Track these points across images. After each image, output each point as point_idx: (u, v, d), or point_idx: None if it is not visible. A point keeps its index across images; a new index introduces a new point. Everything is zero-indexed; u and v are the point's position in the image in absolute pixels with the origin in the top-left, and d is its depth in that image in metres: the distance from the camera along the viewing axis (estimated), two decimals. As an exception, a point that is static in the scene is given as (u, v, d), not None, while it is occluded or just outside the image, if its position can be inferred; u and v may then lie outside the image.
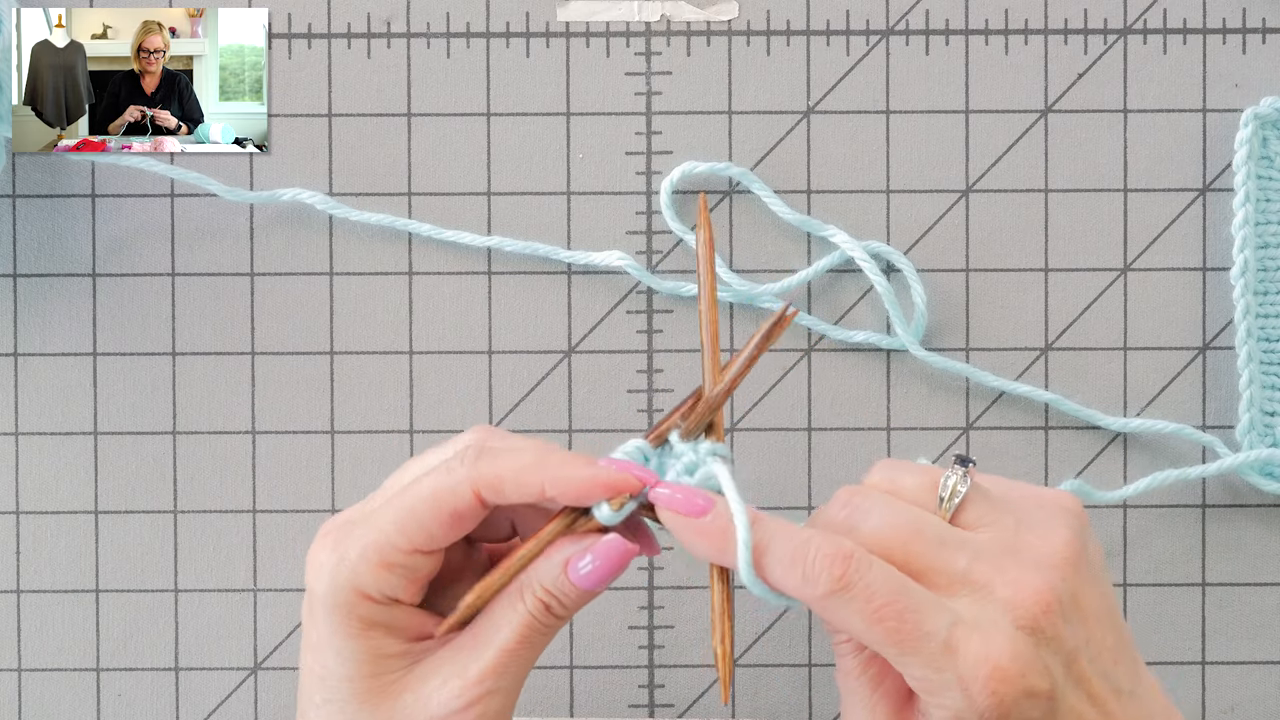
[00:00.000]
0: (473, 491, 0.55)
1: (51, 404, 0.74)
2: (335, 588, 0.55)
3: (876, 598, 0.52)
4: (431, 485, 0.55)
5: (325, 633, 0.55)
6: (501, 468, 0.55)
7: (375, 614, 0.55)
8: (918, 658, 0.52)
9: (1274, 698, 0.74)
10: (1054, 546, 0.55)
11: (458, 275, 0.74)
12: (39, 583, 0.74)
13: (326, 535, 0.56)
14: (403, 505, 0.55)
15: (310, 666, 0.56)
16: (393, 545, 0.55)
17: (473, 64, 0.74)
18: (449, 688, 0.55)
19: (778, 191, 0.73)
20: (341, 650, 0.55)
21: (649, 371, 0.74)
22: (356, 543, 0.55)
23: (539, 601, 0.56)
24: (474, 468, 0.55)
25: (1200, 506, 0.74)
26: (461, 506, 0.55)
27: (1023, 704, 0.52)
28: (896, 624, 0.52)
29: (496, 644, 0.56)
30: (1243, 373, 0.73)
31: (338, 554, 0.55)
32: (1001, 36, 0.73)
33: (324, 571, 0.55)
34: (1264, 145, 0.73)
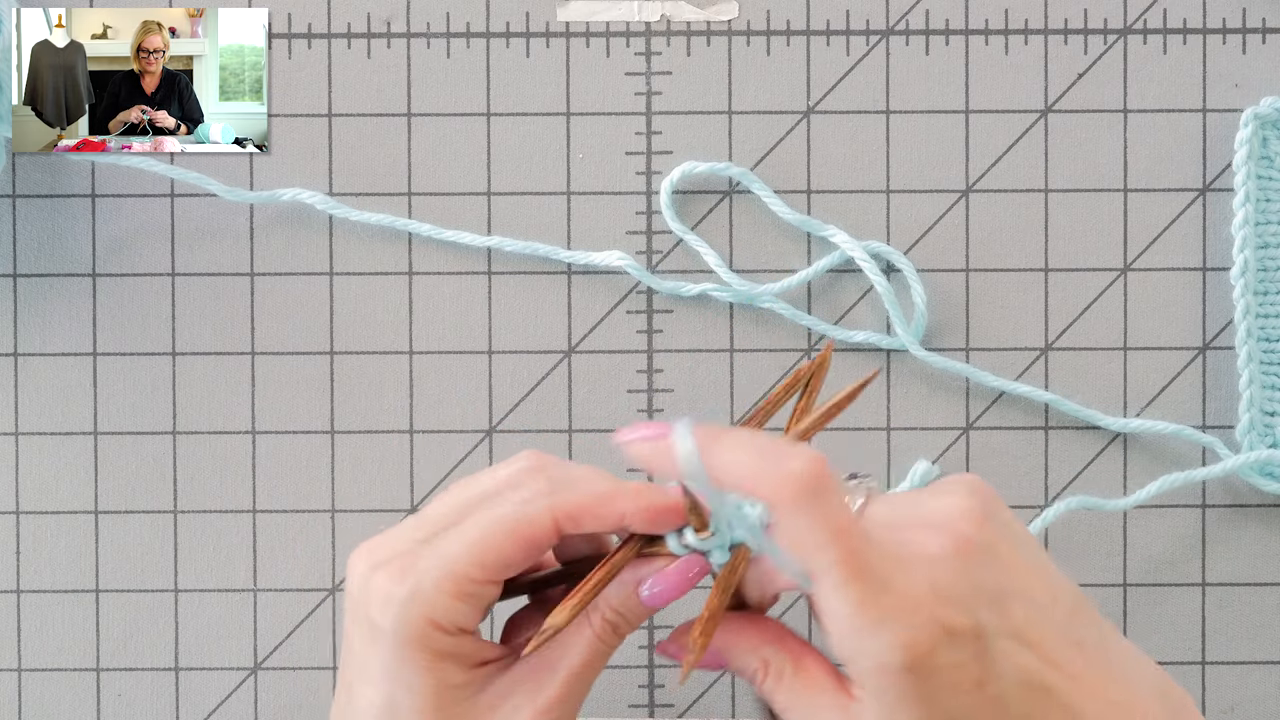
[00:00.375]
0: (552, 521, 0.54)
1: (51, 404, 0.74)
2: (408, 620, 0.54)
3: (842, 515, 0.51)
4: (510, 515, 0.54)
5: (392, 666, 0.54)
6: (580, 499, 0.55)
7: (445, 645, 0.55)
8: (859, 586, 0.51)
9: (1274, 698, 0.74)
10: (954, 504, 0.54)
11: (458, 275, 0.74)
12: (39, 583, 0.74)
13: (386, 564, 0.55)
14: (479, 534, 0.54)
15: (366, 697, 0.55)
16: (468, 576, 0.54)
17: (473, 64, 0.74)
18: (520, 715, 0.55)
19: (778, 191, 0.73)
20: (412, 684, 0.54)
21: (649, 371, 0.74)
22: (429, 574, 0.54)
23: (606, 623, 0.56)
24: (554, 498, 0.55)
25: (1200, 506, 0.74)
26: (539, 536, 0.54)
27: (944, 643, 0.51)
28: (855, 545, 0.51)
29: (565, 668, 0.56)
30: (1243, 373, 0.73)
31: (410, 584, 0.54)
32: (1001, 36, 0.73)
33: (393, 602, 0.54)
34: (1264, 145, 0.73)
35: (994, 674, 0.52)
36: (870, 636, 0.51)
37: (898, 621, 0.51)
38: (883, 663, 0.51)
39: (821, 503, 0.51)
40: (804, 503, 0.51)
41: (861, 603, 0.51)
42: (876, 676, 0.52)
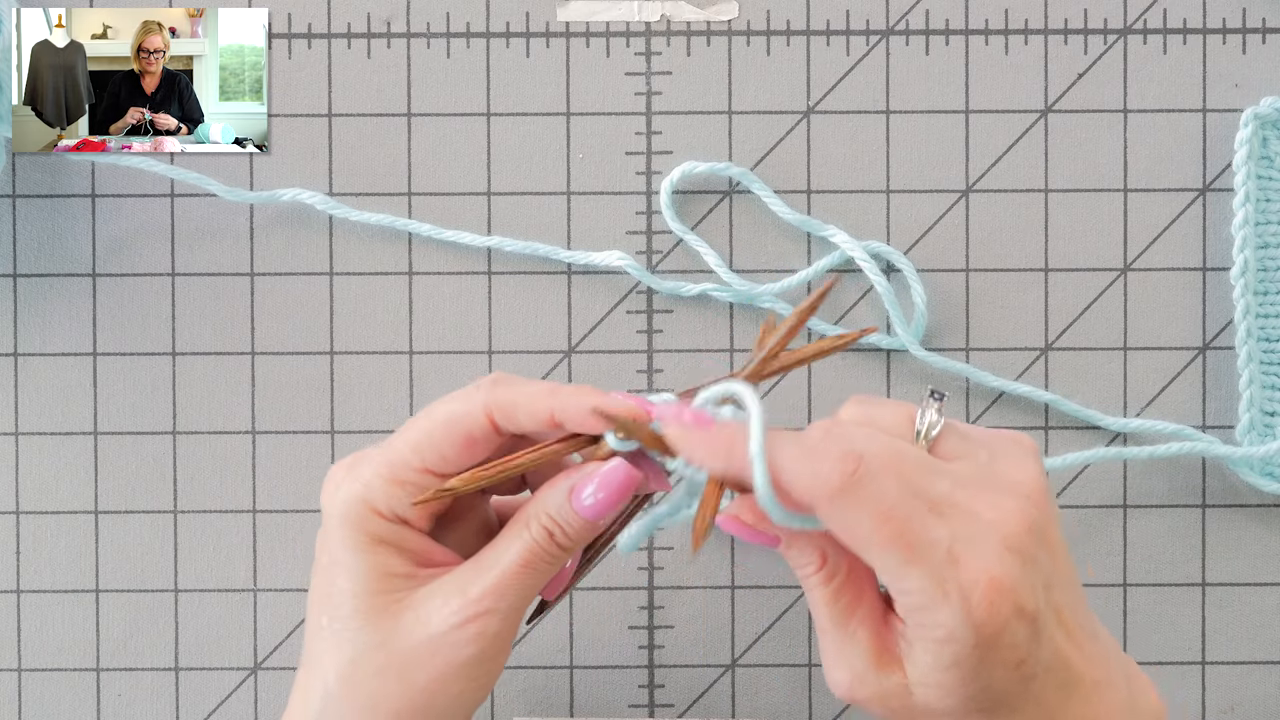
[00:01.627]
0: (486, 415, 0.56)
1: (51, 404, 0.74)
2: (348, 502, 0.57)
3: (885, 499, 0.52)
4: (447, 408, 0.57)
5: (336, 550, 0.57)
6: (515, 393, 0.56)
7: (384, 531, 0.57)
8: (921, 566, 0.52)
9: (1274, 698, 0.74)
10: (1027, 476, 0.55)
11: (458, 275, 0.74)
12: (39, 583, 0.74)
13: (342, 462, 0.58)
14: (418, 426, 0.57)
15: (318, 589, 0.58)
16: (405, 463, 0.57)
17: (473, 64, 0.74)
18: (449, 605, 0.56)
19: (778, 191, 0.73)
20: (350, 566, 0.57)
21: (649, 371, 0.74)
22: (370, 462, 0.57)
23: (543, 529, 0.57)
24: (489, 392, 0.56)
25: (1200, 506, 0.74)
26: (475, 429, 0.56)
27: (1013, 624, 0.52)
28: (903, 527, 0.52)
29: (499, 566, 0.57)
30: (1243, 373, 0.73)
31: (354, 471, 0.57)
32: (1001, 36, 0.73)
33: (339, 490, 0.57)
34: (1264, 145, 0.73)
35: (1036, 655, 0.53)
36: (944, 609, 0.52)
37: (970, 599, 0.52)
38: (954, 634, 0.52)
39: (859, 494, 0.52)
40: (842, 500, 0.52)
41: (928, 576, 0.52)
42: (941, 645, 0.53)
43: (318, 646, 0.57)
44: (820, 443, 0.53)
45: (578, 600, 0.74)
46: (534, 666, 0.74)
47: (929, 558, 0.52)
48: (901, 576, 0.52)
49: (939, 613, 0.52)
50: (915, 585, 0.52)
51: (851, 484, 0.52)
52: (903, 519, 0.52)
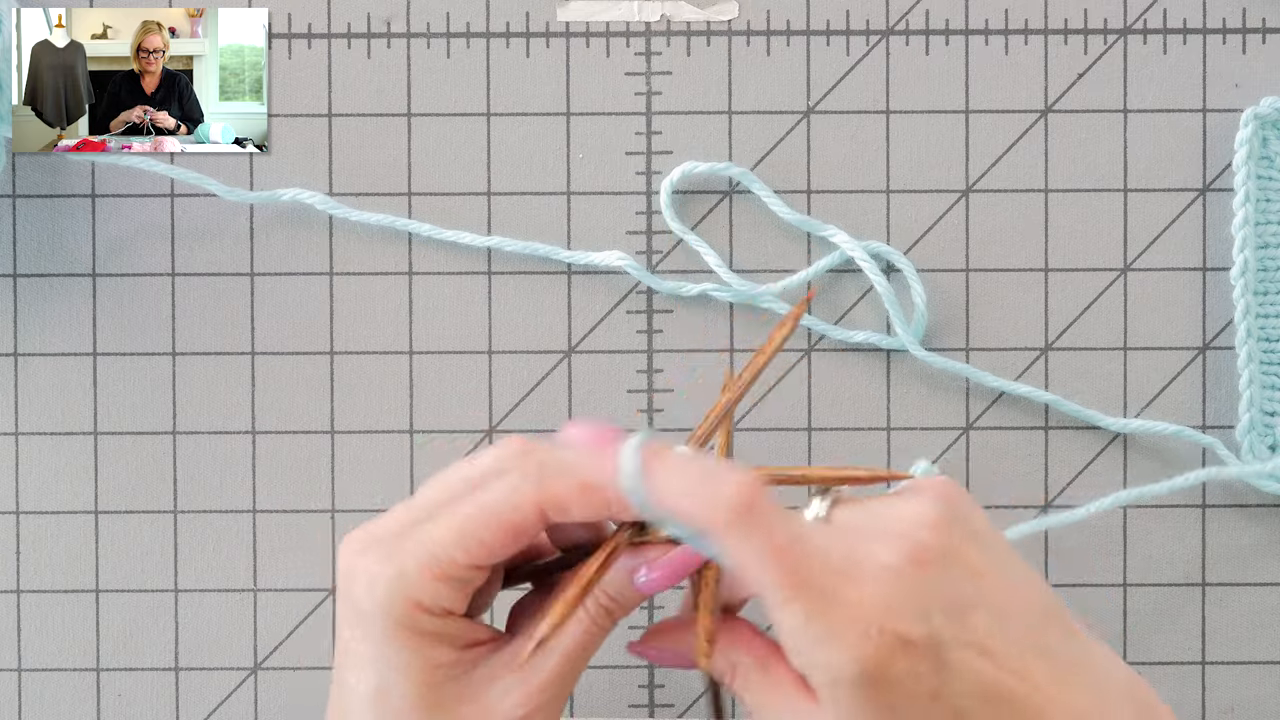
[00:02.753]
0: (537, 510, 0.54)
1: (51, 404, 0.74)
2: (392, 601, 0.54)
3: (779, 533, 0.51)
4: (494, 501, 0.54)
5: (379, 647, 0.55)
6: (567, 487, 0.54)
7: (431, 625, 0.55)
8: (803, 603, 0.51)
9: (1274, 698, 0.74)
10: (915, 510, 0.54)
11: (458, 275, 0.74)
12: (39, 583, 0.74)
13: (371, 548, 0.55)
14: (463, 519, 0.54)
15: (356, 685, 0.56)
16: (451, 559, 0.54)
17: (473, 64, 0.74)
18: (512, 697, 0.55)
19: (778, 191, 0.73)
20: (400, 665, 0.55)
21: (649, 371, 0.74)
22: (412, 556, 0.54)
23: (601, 608, 0.56)
24: (540, 485, 0.54)
25: (1200, 506, 0.74)
26: (524, 524, 0.54)
27: (899, 655, 0.51)
28: (795, 563, 0.51)
29: (559, 650, 0.56)
30: (1243, 373, 0.73)
31: (393, 567, 0.54)
32: (1001, 36, 0.73)
33: (377, 584, 0.54)
34: (1264, 145, 0.73)
35: (951, 685, 0.52)
36: (821, 650, 0.51)
37: (847, 634, 0.51)
38: (836, 676, 0.51)
39: (755, 525, 0.51)
40: (737, 527, 0.51)
41: (808, 618, 0.51)
42: (831, 689, 0.52)
43: None
44: (720, 467, 0.52)
45: (578, 600, 0.74)
46: (534, 666, 0.74)
47: (810, 594, 0.51)
48: (786, 613, 0.51)
49: (819, 652, 0.51)
50: (796, 622, 0.51)
51: (751, 512, 0.51)
52: (796, 555, 0.51)
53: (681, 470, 0.52)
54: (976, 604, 0.53)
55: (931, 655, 0.51)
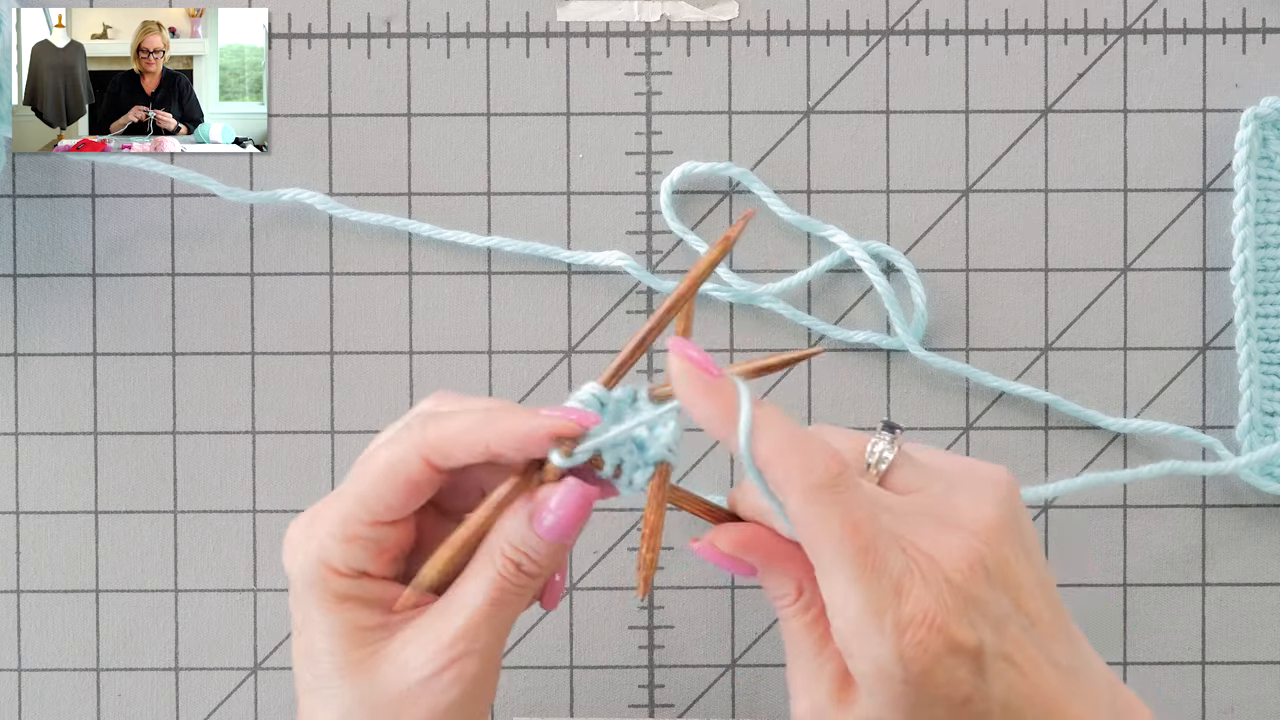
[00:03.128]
0: (422, 458, 0.55)
1: (51, 404, 0.74)
2: (306, 564, 0.56)
3: (859, 509, 0.51)
4: (384, 456, 0.56)
5: (306, 610, 0.56)
6: (447, 430, 0.55)
7: (347, 588, 0.56)
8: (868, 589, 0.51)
9: (1274, 698, 0.74)
10: (979, 513, 0.54)
11: (458, 275, 0.74)
12: (39, 583, 0.74)
13: (298, 521, 0.58)
14: (361, 479, 0.56)
15: (298, 648, 0.57)
16: (354, 518, 0.56)
17: (473, 64, 0.74)
18: (424, 653, 0.55)
19: (778, 191, 0.73)
20: (322, 625, 0.56)
21: (649, 371, 0.74)
22: (324, 522, 0.56)
23: (508, 560, 0.56)
24: (421, 434, 0.55)
25: (1200, 506, 0.74)
26: (414, 474, 0.55)
27: (946, 660, 0.51)
28: (869, 543, 0.51)
29: (468, 606, 0.56)
30: (1243, 373, 0.73)
31: (306, 530, 0.57)
32: (1001, 36, 0.73)
33: (296, 551, 0.57)
34: (1264, 145, 0.73)
35: (983, 692, 0.52)
36: (874, 640, 0.51)
37: (906, 633, 0.51)
38: (882, 669, 0.51)
39: (838, 496, 0.51)
40: (821, 494, 0.51)
41: (870, 603, 0.51)
42: (873, 679, 0.52)
43: (309, 703, 0.57)
44: (812, 435, 0.52)
45: (578, 600, 0.74)
46: (534, 666, 0.74)
47: (879, 579, 0.51)
48: (846, 597, 0.52)
49: (870, 643, 0.51)
50: (855, 609, 0.51)
51: (833, 483, 0.52)
52: (870, 534, 0.51)
53: (777, 427, 0.52)
54: (1013, 615, 0.54)
55: (973, 662, 0.52)
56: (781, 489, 0.52)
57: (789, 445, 0.52)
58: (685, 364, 0.53)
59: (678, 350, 0.54)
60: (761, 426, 0.52)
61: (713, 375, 0.53)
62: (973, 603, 0.53)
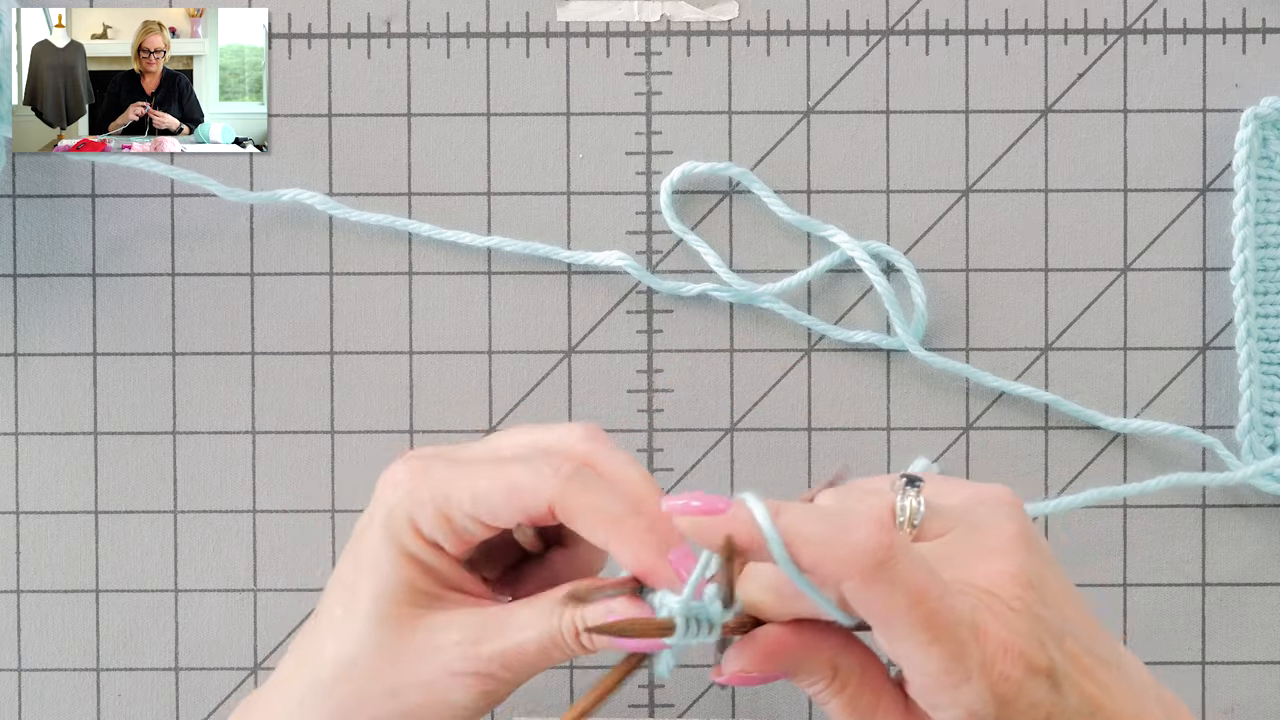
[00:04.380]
0: (549, 505, 0.55)
1: (51, 404, 0.74)
2: (396, 509, 0.56)
3: (918, 576, 0.50)
4: (518, 479, 0.55)
5: (372, 547, 0.57)
6: (586, 504, 0.55)
7: (419, 550, 0.56)
8: (945, 646, 0.51)
9: (1274, 698, 0.74)
10: (1006, 535, 0.54)
11: (458, 275, 0.74)
12: (39, 583, 0.74)
13: (413, 459, 0.57)
14: (488, 477, 0.56)
15: (344, 576, 0.57)
16: (458, 504, 0.56)
17: (473, 64, 0.74)
18: (458, 650, 0.56)
19: (778, 191, 0.73)
20: (378, 569, 0.56)
21: (649, 371, 0.74)
22: (433, 482, 0.56)
23: (576, 636, 0.56)
24: (561, 487, 0.55)
25: (1200, 506, 0.74)
26: (534, 511, 0.55)
27: (1028, 685, 0.52)
28: (936, 606, 0.50)
29: (517, 639, 0.56)
30: (1243, 373, 0.73)
31: (413, 483, 0.56)
32: (1001, 36, 0.73)
33: (398, 491, 0.57)
34: (1264, 145, 0.73)
35: (1061, 706, 0.53)
36: (964, 688, 0.51)
37: (989, 673, 0.51)
38: (974, 711, 0.51)
39: (894, 571, 0.50)
40: (879, 573, 0.50)
41: (951, 655, 0.51)
42: None
43: (323, 629, 0.57)
44: (847, 515, 0.51)
45: (578, 600, 0.73)
46: (534, 666, 0.73)
47: (953, 636, 0.51)
48: (926, 658, 0.51)
49: (959, 692, 0.51)
50: (936, 666, 0.51)
51: (889, 559, 0.50)
52: (936, 594, 0.51)
53: (812, 528, 0.51)
54: (1065, 627, 0.54)
55: (1049, 680, 0.52)
56: (835, 581, 0.51)
57: (829, 539, 0.50)
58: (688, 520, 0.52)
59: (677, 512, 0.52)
60: (793, 533, 0.50)
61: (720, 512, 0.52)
62: (1037, 623, 0.53)
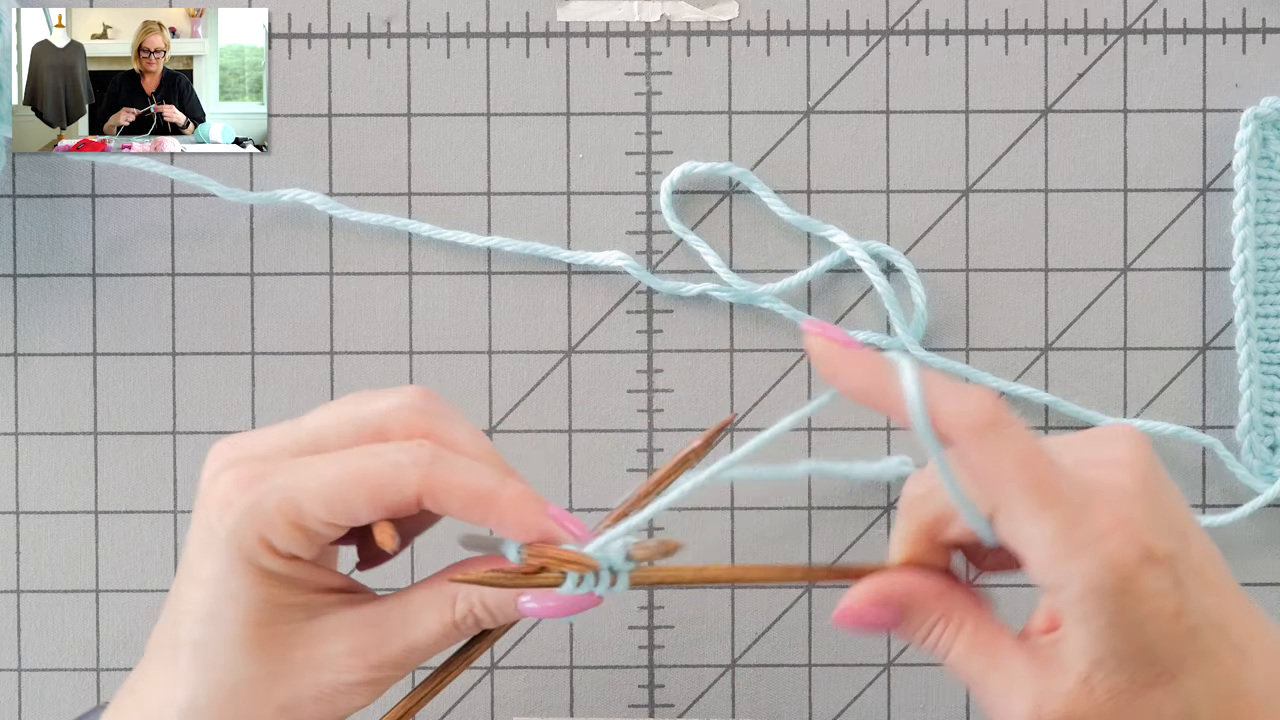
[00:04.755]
0: (417, 497, 0.52)
1: (51, 404, 0.74)
2: (240, 533, 0.52)
3: (1025, 443, 0.51)
4: (377, 473, 0.52)
5: (220, 572, 0.53)
6: (456, 487, 0.52)
7: (275, 565, 0.53)
8: (1056, 510, 0.50)
9: (1274, 698, 0.74)
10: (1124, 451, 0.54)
11: (458, 275, 0.74)
12: (39, 583, 0.74)
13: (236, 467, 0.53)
14: (335, 479, 0.52)
15: (191, 598, 0.54)
16: (311, 512, 0.52)
17: (473, 64, 0.74)
18: (345, 663, 0.54)
19: (778, 191, 0.73)
20: (237, 595, 0.53)
21: (649, 371, 0.74)
22: (274, 493, 0.52)
23: (471, 615, 0.54)
24: (428, 474, 0.52)
25: (1200, 507, 0.74)
26: (399, 504, 0.52)
27: (1146, 570, 0.51)
28: (1042, 473, 0.51)
29: (408, 641, 0.54)
30: (1243, 373, 0.73)
31: (251, 497, 0.52)
32: (1001, 36, 0.74)
33: (231, 511, 0.52)
34: (1264, 145, 0.73)
35: (1189, 605, 0.51)
36: (1076, 559, 0.51)
37: (1103, 543, 0.50)
38: (1092, 585, 0.51)
39: (1002, 434, 0.51)
40: (985, 434, 0.51)
41: (1062, 527, 0.51)
42: (1083, 602, 0.51)
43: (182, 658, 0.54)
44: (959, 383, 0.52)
45: (578, 600, 0.73)
46: (534, 666, 0.74)
47: (1063, 502, 0.51)
48: (1037, 527, 0.51)
49: (1073, 564, 0.51)
50: (1048, 534, 0.51)
51: (998, 422, 0.51)
52: (1042, 465, 0.51)
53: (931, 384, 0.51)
54: (1191, 534, 0.53)
55: (1171, 572, 0.51)
56: (949, 436, 0.51)
57: (946, 395, 0.51)
58: (824, 341, 0.52)
59: (815, 331, 0.53)
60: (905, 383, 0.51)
61: (853, 348, 0.52)
62: (1157, 513, 0.52)
